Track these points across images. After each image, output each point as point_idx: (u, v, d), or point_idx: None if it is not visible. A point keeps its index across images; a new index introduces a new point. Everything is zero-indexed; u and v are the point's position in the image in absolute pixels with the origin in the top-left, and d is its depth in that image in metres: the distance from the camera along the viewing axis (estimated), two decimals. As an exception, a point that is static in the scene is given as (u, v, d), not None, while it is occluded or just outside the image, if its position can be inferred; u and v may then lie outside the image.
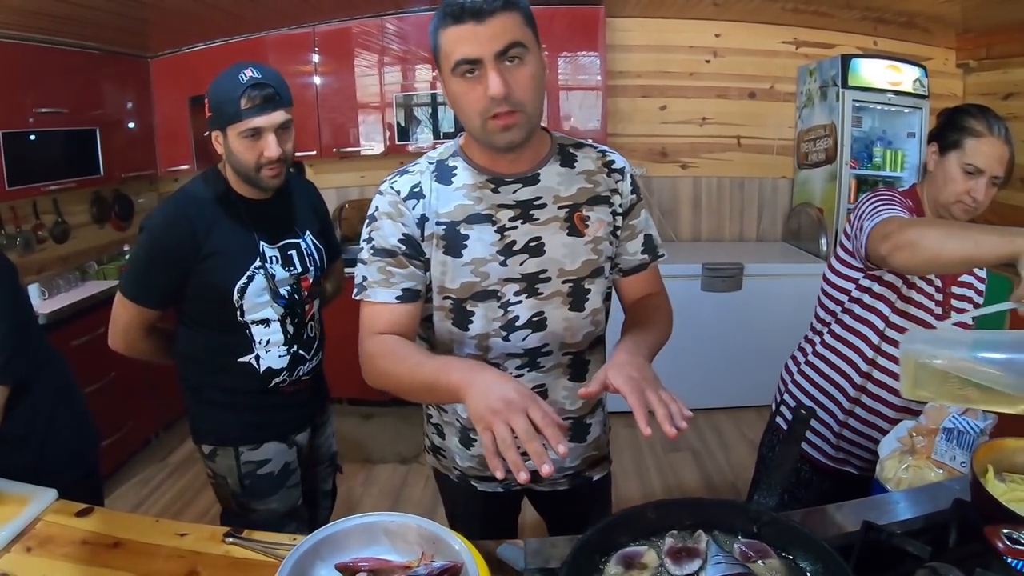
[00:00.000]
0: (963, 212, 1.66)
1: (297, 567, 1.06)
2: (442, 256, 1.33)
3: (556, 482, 1.56)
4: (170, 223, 1.66)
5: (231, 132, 1.61)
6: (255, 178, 1.67)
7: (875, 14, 3.94)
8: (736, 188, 4.67)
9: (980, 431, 1.37)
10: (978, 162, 1.60)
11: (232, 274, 1.68)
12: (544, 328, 1.37)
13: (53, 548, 1.38)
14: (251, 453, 1.80)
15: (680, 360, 4.07)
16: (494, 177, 1.33)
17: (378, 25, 4.10)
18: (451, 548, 1.08)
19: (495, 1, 1.12)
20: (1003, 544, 0.94)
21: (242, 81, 1.56)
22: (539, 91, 1.22)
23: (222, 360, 1.76)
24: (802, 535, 0.97)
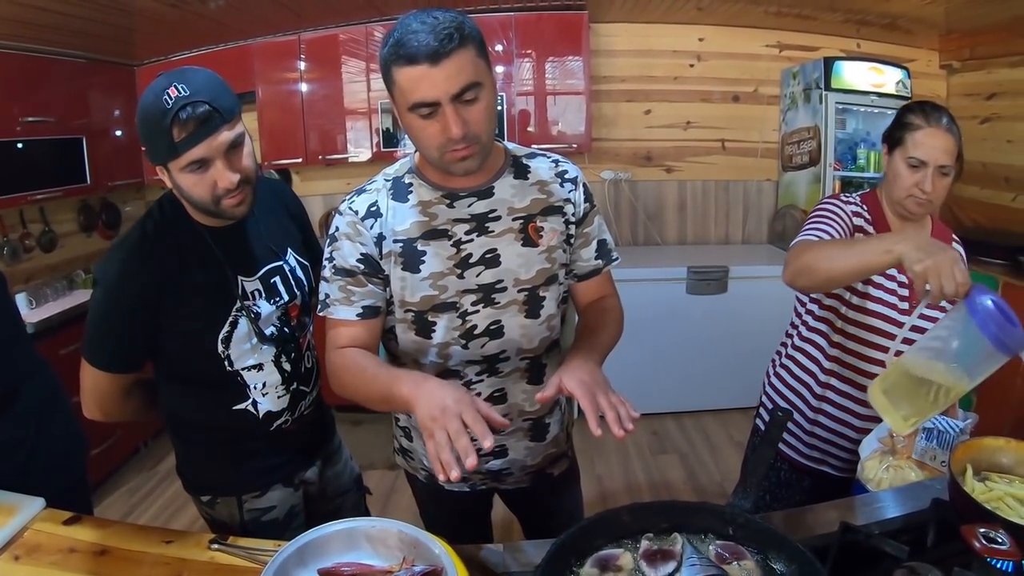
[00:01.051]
0: (917, 206, 1.65)
1: (280, 572, 1.07)
2: (401, 272, 1.37)
3: (519, 480, 1.60)
4: (127, 275, 1.38)
5: (173, 168, 1.31)
6: (216, 211, 1.37)
7: (858, 16, 3.98)
8: (721, 191, 4.70)
9: (960, 430, 1.40)
10: (919, 154, 1.61)
11: (211, 324, 1.44)
12: (501, 336, 1.42)
13: (40, 556, 1.38)
14: (255, 501, 1.60)
15: (666, 363, 4.11)
16: (449, 192, 1.37)
17: (363, 32, 4.11)
18: (431, 552, 1.09)
19: (449, 43, 1.13)
20: (980, 543, 0.95)
21: (167, 105, 1.23)
22: (493, 120, 1.27)
23: (215, 413, 1.54)
24: (776, 536, 0.99)
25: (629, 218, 4.68)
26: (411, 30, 1.14)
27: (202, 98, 1.25)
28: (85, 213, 4.35)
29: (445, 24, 1.14)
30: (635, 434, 3.94)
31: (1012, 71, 3.90)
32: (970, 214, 4.33)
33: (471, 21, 1.21)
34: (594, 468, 3.62)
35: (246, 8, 3.61)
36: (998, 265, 3.56)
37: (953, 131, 1.60)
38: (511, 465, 1.56)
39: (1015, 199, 3.93)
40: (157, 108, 1.23)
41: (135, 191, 4.76)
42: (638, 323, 4.07)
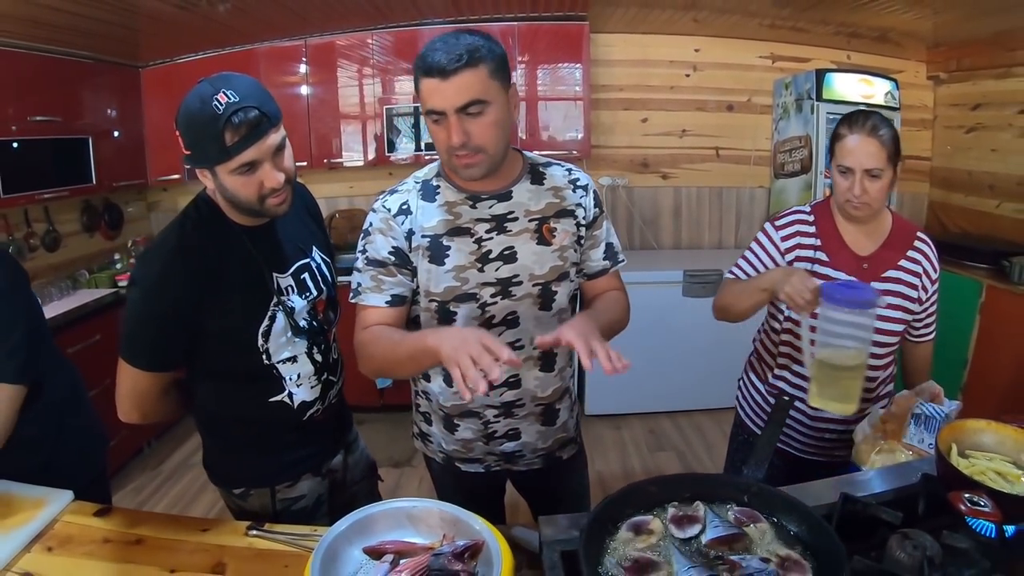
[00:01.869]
0: (855, 211, 1.72)
1: (330, 550, 1.14)
2: (427, 264, 1.51)
3: (531, 462, 1.72)
4: (168, 276, 1.40)
5: (221, 170, 1.35)
6: (261, 210, 1.43)
7: (849, 29, 4.10)
8: (715, 197, 4.81)
9: (945, 416, 1.50)
10: (846, 162, 1.68)
11: (251, 319, 1.49)
12: (517, 325, 1.55)
13: (74, 547, 1.41)
14: (287, 491, 1.65)
15: (663, 364, 4.19)
16: (472, 195, 1.51)
17: (368, 38, 4.19)
18: (472, 528, 1.17)
19: (458, 62, 1.29)
20: (965, 507, 1.05)
21: (219, 111, 1.28)
22: (500, 134, 1.40)
23: (251, 407, 1.59)
24: (787, 501, 1.10)
25: (626, 223, 4.77)
26: (433, 47, 1.32)
27: (251, 103, 1.32)
28: (88, 213, 4.36)
29: (461, 46, 1.30)
30: (633, 432, 4.04)
31: (997, 83, 4.03)
32: (956, 220, 4.46)
33: (494, 47, 1.36)
34: (594, 464, 3.71)
35: (254, 12, 3.66)
36: (982, 269, 3.68)
37: (880, 135, 1.65)
38: (523, 448, 1.68)
39: (999, 206, 4.06)
40: (207, 113, 1.28)
41: (137, 192, 4.79)
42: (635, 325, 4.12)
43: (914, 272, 1.80)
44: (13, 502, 1.53)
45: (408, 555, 1.17)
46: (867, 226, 1.80)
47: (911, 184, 4.64)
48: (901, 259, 1.79)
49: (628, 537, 1.08)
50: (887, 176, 1.68)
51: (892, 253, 1.79)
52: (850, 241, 1.80)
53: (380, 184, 4.74)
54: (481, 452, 1.69)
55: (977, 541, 1.04)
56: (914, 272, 1.80)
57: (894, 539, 1.04)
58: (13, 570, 1.34)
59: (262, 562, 1.36)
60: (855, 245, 1.80)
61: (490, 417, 1.62)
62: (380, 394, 4.31)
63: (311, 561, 1.10)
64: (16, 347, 1.65)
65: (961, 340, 3.65)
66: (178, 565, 1.35)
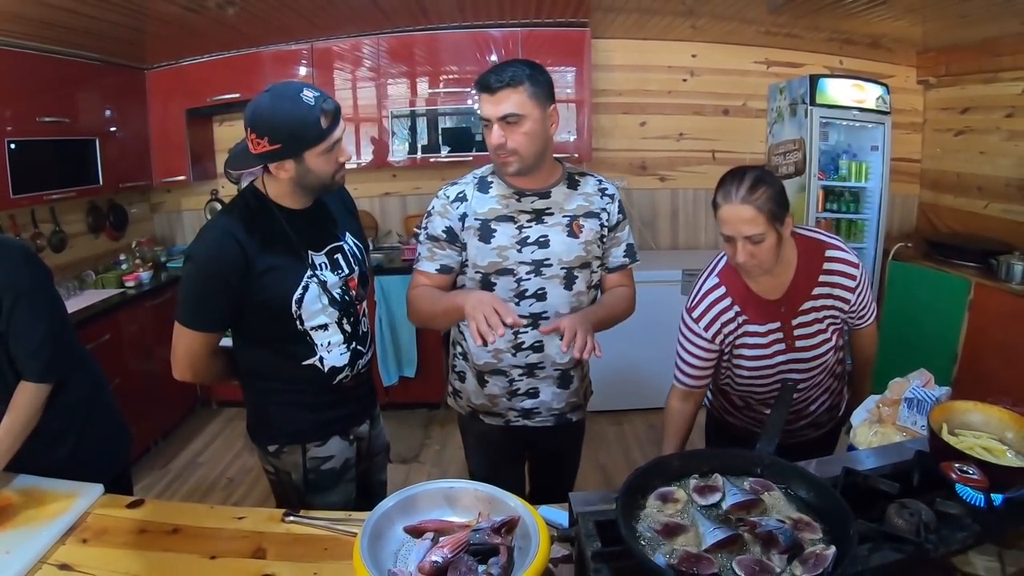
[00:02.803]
0: (750, 274, 1.74)
1: (375, 529, 1.23)
2: (477, 242, 1.87)
3: (545, 420, 2.01)
4: (221, 246, 1.63)
5: (311, 153, 1.60)
6: (330, 184, 1.70)
7: (842, 35, 4.22)
8: (711, 199, 4.86)
9: (936, 400, 1.60)
10: (725, 230, 1.67)
11: (287, 287, 1.69)
12: (545, 299, 1.88)
13: (110, 538, 1.46)
14: (317, 449, 1.83)
15: (662, 360, 4.23)
16: (518, 191, 1.88)
17: (372, 42, 4.26)
18: (507, 505, 1.27)
19: (500, 82, 1.70)
20: (956, 475, 1.15)
21: (311, 103, 1.55)
22: (533, 142, 1.76)
23: (288, 367, 1.77)
24: (797, 471, 1.21)
25: (624, 224, 4.86)
26: (490, 70, 1.74)
27: (328, 95, 1.62)
28: (94, 214, 4.39)
29: (508, 72, 1.71)
30: (634, 427, 4.13)
31: (984, 87, 4.14)
32: (945, 220, 4.57)
33: (537, 76, 1.73)
34: (598, 458, 3.80)
35: (262, 15, 3.70)
36: (971, 268, 3.78)
37: (755, 199, 1.59)
38: (540, 405, 1.98)
39: (987, 206, 4.17)
40: (303, 106, 1.55)
41: (141, 194, 4.83)
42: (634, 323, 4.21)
43: (831, 295, 1.80)
44: (44, 496, 1.58)
45: (447, 533, 1.25)
46: (774, 273, 1.77)
47: (902, 186, 4.75)
48: (814, 287, 1.78)
49: (656, 505, 1.18)
50: (771, 237, 1.63)
51: (803, 286, 1.78)
52: (762, 292, 1.80)
53: (383, 186, 4.84)
54: (504, 407, 1.99)
55: (967, 507, 1.14)
56: (831, 295, 1.80)
57: (892, 507, 1.14)
58: (49, 562, 1.38)
59: (301, 546, 1.42)
60: (768, 293, 1.80)
61: (515, 376, 1.94)
62: (386, 392, 4.38)
63: (359, 539, 1.18)
64: (40, 346, 1.70)
65: (951, 336, 3.75)
66: (218, 552, 1.40)
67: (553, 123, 1.80)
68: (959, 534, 1.11)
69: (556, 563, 1.28)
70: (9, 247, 1.72)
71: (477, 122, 4.35)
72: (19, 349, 1.69)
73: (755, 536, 1.07)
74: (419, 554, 1.19)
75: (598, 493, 1.29)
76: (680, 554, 1.04)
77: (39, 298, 1.73)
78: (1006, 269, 3.55)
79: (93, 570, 1.35)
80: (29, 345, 1.69)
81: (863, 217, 4.47)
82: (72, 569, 1.36)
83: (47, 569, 1.36)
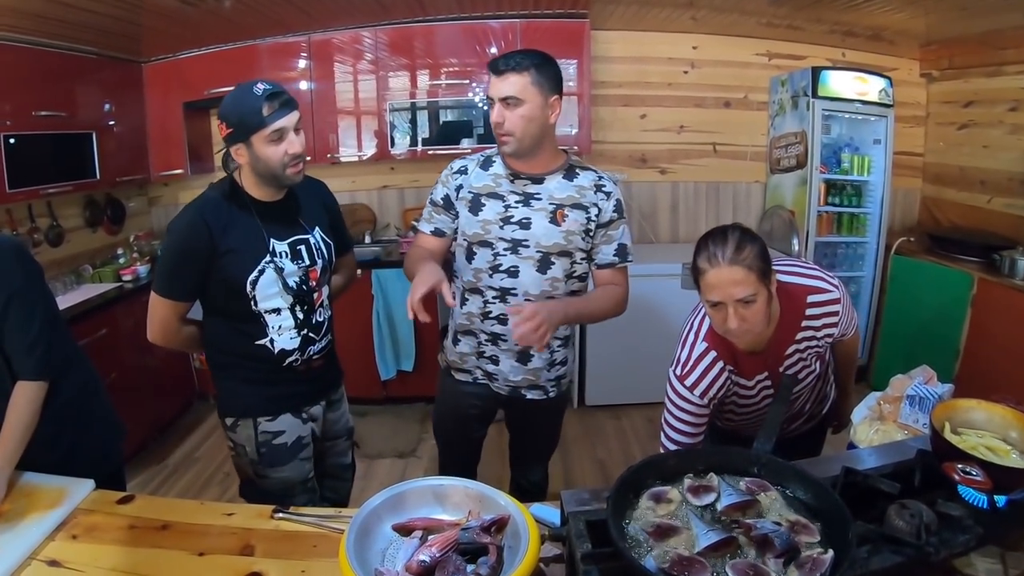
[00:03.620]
0: (740, 340, 1.62)
1: (362, 527, 1.21)
2: (467, 212, 2.03)
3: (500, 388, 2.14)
4: (191, 225, 1.79)
5: (256, 140, 1.74)
6: (281, 177, 1.81)
7: (844, 27, 4.17)
8: (712, 192, 4.88)
9: (939, 397, 1.57)
10: (716, 297, 1.54)
11: (245, 269, 1.83)
12: (516, 277, 1.99)
13: (99, 534, 1.45)
14: (268, 424, 1.96)
15: (661, 354, 4.20)
16: (514, 173, 2.00)
17: (370, 35, 4.22)
18: (498, 503, 1.25)
19: (506, 66, 1.86)
20: (958, 476, 1.12)
21: (258, 93, 1.71)
22: (528, 126, 1.88)
23: (242, 344, 1.91)
24: (794, 471, 1.18)
25: (624, 218, 4.83)
26: (503, 54, 1.89)
27: (282, 90, 1.77)
28: (91, 208, 4.37)
29: (516, 57, 1.86)
30: (633, 422, 4.11)
31: (987, 80, 4.10)
32: (948, 215, 4.54)
33: (541, 65, 1.87)
34: (596, 452, 3.80)
35: (259, 8, 3.68)
36: (974, 263, 3.75)
37: (743, 258, 1.50)
38: (498, 374, 2.12)
39: (990, 201, 4.13)
40: (250, 93, 1.72)
41: (139, 188, 4.81)
42: (634, 316, 4.20)
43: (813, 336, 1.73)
44: (34, 492, 1.59)
45: (436, 531, 1.23)
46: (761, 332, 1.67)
47: (905, 179, 4.70)
48: (797, 332, 1.72)
49: (649, 505, 1.15)
50: (762, 296, 1.53)
51: (785, 335, 1.71)
52: (748, 348, 1.71)
53: (382, 179, 4.81)
54: (472, 365, 2.15)
55: (969, 509, 1.11)
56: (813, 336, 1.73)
57: (892, 508, 1.11)
58: (39, 558, 1.37)
59: (289, 543, 1.41)
60: (754, 347, 1.71)
61: (482, 340, 2.08)
62: (383, 387, 4.37)
63: (345, 537, 1.16)
64: (35, 343, 1.70)
65: (953, 331, 3.73)
66: (206, 548, 1.39)
67: (554, 112, 1.92)
68: (961, 536, 1.09)
69: (547, 562, 1.26)
70: (1, 246, 1.71)
71: (478, 115, 4.34)
72: (14, 347, 1.69)
73: (750, 539, 1.05)
74: (407, 553, 1.17)
75: (590, 490, 1.27)
76: (672, 557, 1.01)
77: (32, 296, 1.73)
78: (1009, 264, 3.52)
79: (81, 566, 1.35)
80: (24, 343, 1.69)
81: (865, 211, 4.42)
82: (61, 565, 1.35)
83: (36, 565, 1.35)
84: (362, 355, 4.25)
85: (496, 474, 2.71)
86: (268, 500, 1.73)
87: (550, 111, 1.91)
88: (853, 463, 1.31)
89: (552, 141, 2.00)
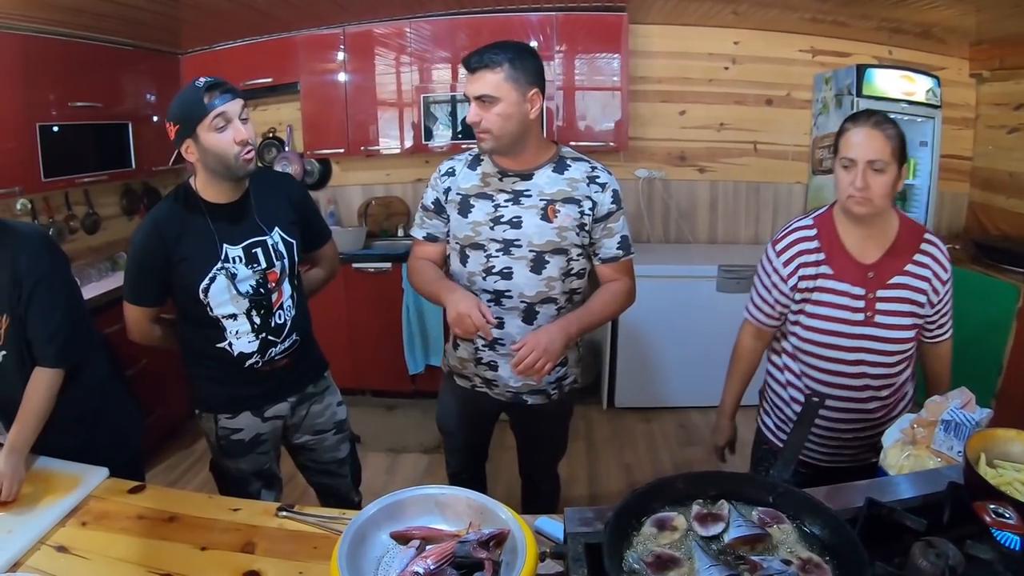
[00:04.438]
0: (857, 205, 1.69)
1: (357, 535, 1.17)
2: (456, 215, 1.98)
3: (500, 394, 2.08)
4: (147, 236, 1.85)
5: (201, 131, 1.74)
6: (234, 166, 1.79)
7: (891, 24, 4.00)
8: (752, 192, 4.75)
9: (976, 423, 1.47)
10: (849, 153, 1.67)
11: (196, 277, 1.85)
12: (510, 278, 1.93)
13: (109, 523, 1.47)
14: (228, 421, 2.03)
15: (695, 358, 4.15)
16: (502, 170, 1.94)
17: (406, 27, 4.20)
18: (498, 517, 1.20)
19: (479, 64, 1.78)
20: (990, 518, 1.04)
21: (199, 85, 1.74)
22: (506, 124, 1.81)
23: (204, 345, 1.96)
24: (812, 504, 1.09)
25: (662, 216, 4.75)
26: (475, 50, 1.80)
27: (222, 80, 1.77)
28: (128, 197, 4.46)
29: (488, 53, 1.77)
30: (663, 427, 4.04)
31: (1042, 82, 3.90)
32: (997, 223, 4.34)
33: (515, 59, 1.77)
34: (623, 457, 3.73)
35: (293, 1, 3.70)
36: (1021, 273, 3.58)
37: (885, 129, 1.65)
38: (498, 379, 2.06)
39: (1042, 209, 3.94)
40: (191, 88, 1.75)
41: (176, 176, 4.78)
42: (668, 318, 4.16)
43: (922, 276, 1.78)
44: (51, 478, 1.63)
45: (434, 541, 1.19)
46: (871, 231, 1.77)
47: (951, 184, 4.50)
48: (907, 264, 1.77)
49: (652, 533, 1.09)
50: (891, 172, 1.65)
51: (898, 259, 1.77)
52: (854, 250, 1.78)
53: (417, 172, 4.79)
54: (471, 372, 2.10)
55: (1001, 553, 1.03)
56: (922, 276, 1.78)
57: (917, 546, 1.03)
58: (48, 543, 1.40)
59: (292, 543, 1.40)
60: (859, 254, 1.78)
61: (479, 345, 2.02)
62: (412, 380, 4.35)
63: (339, 543, 1.13)
64: (56, 331, 1.74)
65: (997, 345, 3.56)
66: (209, 543, 1.40)
67: (534, 107, 1.84)
68: (990, 582, 1.01)
69: (549, 579, 1.21)
70: (30, 234, 1.77)
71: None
72: (36, 334, 1.74)
73: (756, 578, 0.98)
74: (402, 563, 1.14)
75: (596, 509, 1.20)
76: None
77: (57, 284, 1.78)
78: (1060, 276, 3.34)
79: (88, 554, 1.38)
80: (46, 330, 1.73)
81: (910, 216, 4.25)
82: (68, 551, 1.38)
83: (45, 550, 1.39)
84: (391, 349, 4.25)
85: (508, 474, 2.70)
86: (228, 482, 2.12)
87: (529, 106, 1.83)
88: (879, 493, 1.23)
89: (537, 135, 1.92)
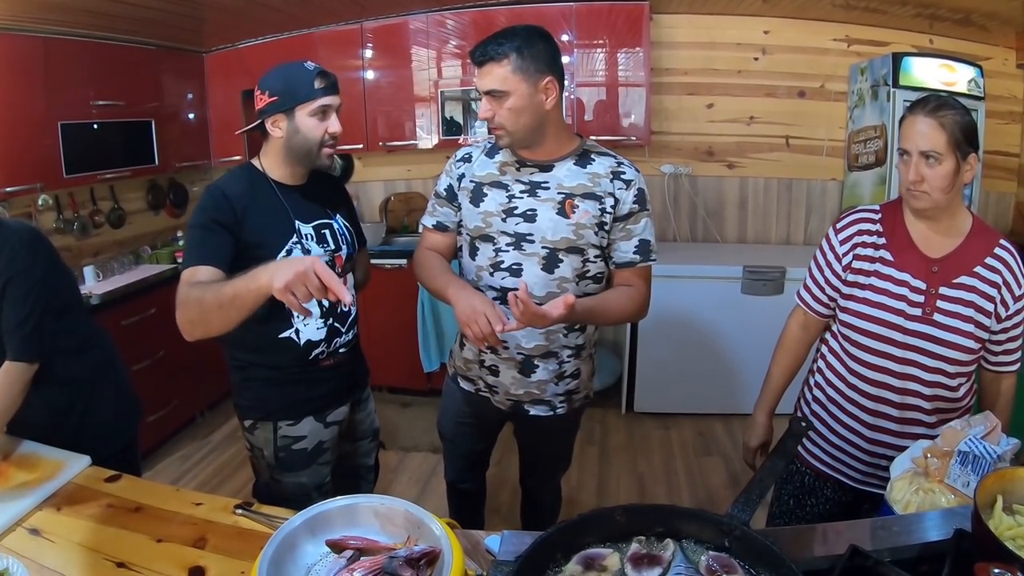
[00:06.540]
0: (914, 200, 1.62)
1: (288, 540, 1.12)
2: (468, 204, 1.87)
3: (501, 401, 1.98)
4: (211, 197, 1.73)
5: (300, 112, 1.71)
6: (315, 155, 1.77)
7: (929, 11, 3.75)
8: (784, 189, 4.54)
9: (997, 456, 1.29)
10: (905, 145, 1.60)
11: (271, 250, 1.75)
12: (519, 275, 1.80)
13: (81, 509, 1.51)
14: (289, 428, 1.88)
15: (717, 363, 4.03)
16: (520, 160, 1.83)
17: (423, 21, 4.14)
18: (433, 533, 1.11)
19: (485, 57, 1.68)
20: (992, 584, 0.89)
21: (310, 68, 1.71)
22: (518, 118, 1.71)
23: (265, 337, 1.82)
24: (771, 553, 0.94)
25: (688, 214, 4.59)
26: (481, 41, 1.69)
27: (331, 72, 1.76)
28: (154, 192, 4.54)
29: (493, 45, 1.67)
30: (682, 434, 3.92)
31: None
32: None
33: (524, 48, 1.66)
34: (636, 464, 3.61)
35: (312, 0, 3.72)
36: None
37: (941, 116, 1.55)
38: (499, 385, 1.94)
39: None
40: (301, 67, 1.72)
41: (201, 172, 4.92)
42: (690, 321, 4.02)
43: (991, 282, 1.63)
44: (37, 462, 1.68)
45: (370, 553, 1.14)
46: (940, 225, 1.66)
47: (996, 182, 4.25)
48: (977, 265, 1.64)
49: (575, 572, 0.97)
50: (948, 164, 1.55)
51: (967, 258, 1.64)
52: (920, 241, 1.67)
53: (437, 167, 4.67)
54: (475, 375, 1.99)
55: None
56: (991, 282, 1.63)
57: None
58: (24, 525, 1.46)
59: (242, 541, 1.40)
60: (926, 246, 1.67)
61: (483, 347, 1.83)
62: (427, 378, 4.31)
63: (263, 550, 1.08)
64: (21, 325, 1.76)
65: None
66: (166, 535, 1.42)
67: (549, 96, 1.72)
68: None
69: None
70: (14, 230, 1.80)
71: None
72: (5, 327, 1.76)
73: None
74: (330, 573, 1.09)
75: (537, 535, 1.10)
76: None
77: (30, 279, 1.78)
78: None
79: (55, 537, 1.42)
80: (11, 323, 1.75)
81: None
82: (40, 535, 1.42)
83: (20, 532, 1.43)
84: (406, 346, 4.21)
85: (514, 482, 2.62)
86: (282, 503, 1.67)
87: (543, 96, 1.71)
88: (871, 538, 1.10)
89: (557, 125, 1.80)
